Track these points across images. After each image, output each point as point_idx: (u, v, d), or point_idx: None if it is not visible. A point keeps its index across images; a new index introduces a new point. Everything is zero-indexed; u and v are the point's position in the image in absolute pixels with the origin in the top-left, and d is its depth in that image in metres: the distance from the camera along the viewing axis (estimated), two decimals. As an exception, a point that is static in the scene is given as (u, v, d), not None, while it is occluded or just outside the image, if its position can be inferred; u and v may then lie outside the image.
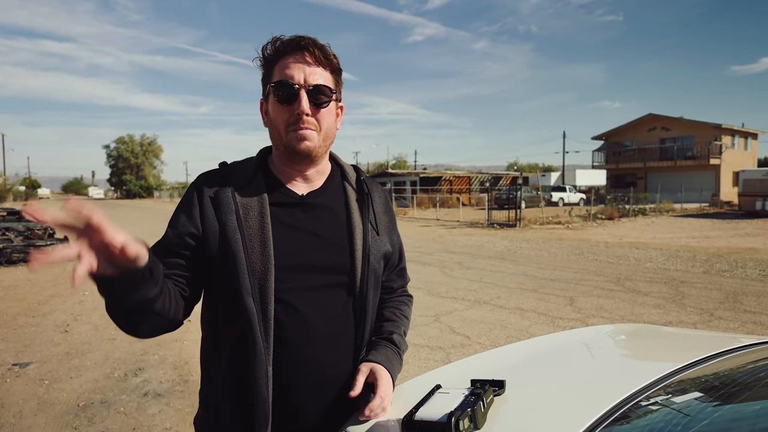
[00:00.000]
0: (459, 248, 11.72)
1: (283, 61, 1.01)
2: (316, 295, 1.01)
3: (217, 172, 1.06)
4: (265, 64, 1.04)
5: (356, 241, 1.07)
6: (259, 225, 0.99)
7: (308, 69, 1.00)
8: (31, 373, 3.92)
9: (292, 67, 1.00)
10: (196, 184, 1.04)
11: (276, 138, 1.04)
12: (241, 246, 0.96)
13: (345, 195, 1.11)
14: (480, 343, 4.54)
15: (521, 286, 7.11)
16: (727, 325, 5.07)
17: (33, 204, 0.68)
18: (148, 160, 77.41)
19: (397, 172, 36.46)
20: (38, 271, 8.44)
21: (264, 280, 0.96)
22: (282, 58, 1.01)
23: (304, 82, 0.99)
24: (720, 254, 10.06)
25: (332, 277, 1.04)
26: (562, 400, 1.00)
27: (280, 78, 1.00)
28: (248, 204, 1.01)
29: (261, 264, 0.96)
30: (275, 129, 1.03)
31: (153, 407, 3.30)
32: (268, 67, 1.03)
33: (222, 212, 0.99)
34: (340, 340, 1.05)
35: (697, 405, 0.98)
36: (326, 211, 1.07)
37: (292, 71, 0.99)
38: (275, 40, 1.02)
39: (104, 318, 5.55)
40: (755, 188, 19.64)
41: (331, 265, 1.04)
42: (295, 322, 0.99)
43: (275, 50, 1.02)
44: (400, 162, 72.59)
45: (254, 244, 0.97)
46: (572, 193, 31.15)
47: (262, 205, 1.01)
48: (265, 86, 1.05)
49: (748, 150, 35.00)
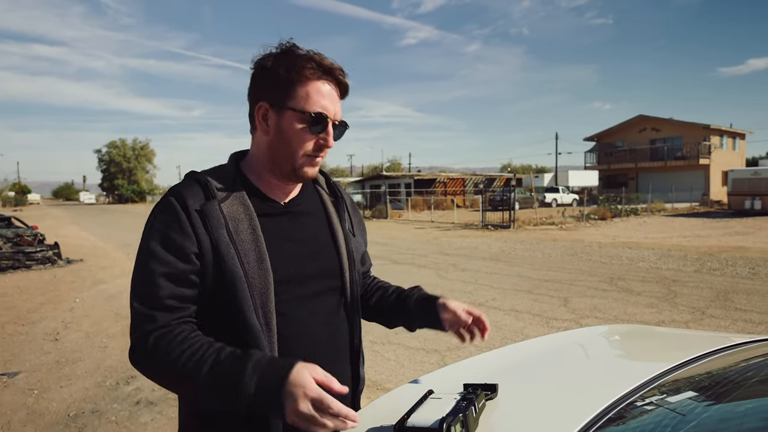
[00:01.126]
0: (454, 250, 11.73)
1: (316, 85, 0.96)
2: (313, 303, 1.01)
3: (193, 184, 0.97)
4: (293, 76, 0.94)
5: (341, 246, 1.08)
6: (252, 238, 0.94)
7: (337, 103, 1.00)
8: (20, 383, 3.86)
9: (327, 98, 0.97)
10: (176, 198, 0.93)
11: (283, 157, 0.98)
12: (237, 261, 0.91)
13: (321, 200, 1.11)
14: (475, 345, 4.52)
15: (516, 288, 7.13)
16: (719, 324, 5.10)
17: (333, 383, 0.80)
18: (141, 165, 76.87)
19: (392, 174, 36.48)
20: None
21: (264, 294, 0.93)
22: (316, 80, 0.96)
23: (333, 116, 0.98)
24: (711, 253, 10.15)
25: (325, 283, 1.04)
26: (555, 401, 0.99)
27: (319, 109, 0.95)
28: (236, 216, 0.95)
29: (260, 278, 0.93)
30: (288, 150, 0.97)
31: (145, 416, 3.26)
32: (297, 82, 0.95)
33: (212, 226, 0.92)
34: (339, 345, 1.06)
35: (690, 404, 0.98)
36: (309, 218, 1.06)
37: (327, 103, 0.96)
38: (312, 59, 0.95)
39: (95, 326, 5.49)
40: (744, 187, 19.86)
41: (322, 272, 1.03)
42: (298, 333, 0.97)
43: (312, 73, 0.95)
44: (394, 164, 72.72)
45: (250, 258, 0.93)
46: (565, 194, 31.32)
47: (251, 217, 0.96)
48: (281, 97, 0.95)
49: (737, 150, 35.41)
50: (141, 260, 0.92)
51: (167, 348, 0.85)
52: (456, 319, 1.11)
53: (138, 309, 0.89)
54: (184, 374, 0.84)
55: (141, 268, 0.91)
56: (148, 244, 0.91)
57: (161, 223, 0.92)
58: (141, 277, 0.90)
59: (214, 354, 0.84)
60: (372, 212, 26.10)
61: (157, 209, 0.95)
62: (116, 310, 6.16)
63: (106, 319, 5.74)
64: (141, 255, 0.92)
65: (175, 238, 0.90)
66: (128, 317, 0.93)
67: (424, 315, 1.16)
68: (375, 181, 35.60)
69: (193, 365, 0.83)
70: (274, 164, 1.00)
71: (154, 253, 0.90)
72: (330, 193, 1.14)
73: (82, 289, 7.72)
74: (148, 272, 0.89)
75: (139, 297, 0.89)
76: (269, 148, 0.99)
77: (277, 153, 0.98)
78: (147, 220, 0.96)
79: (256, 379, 0.79)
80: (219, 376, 0.82)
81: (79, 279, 8.63)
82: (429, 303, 1.16)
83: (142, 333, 0.88)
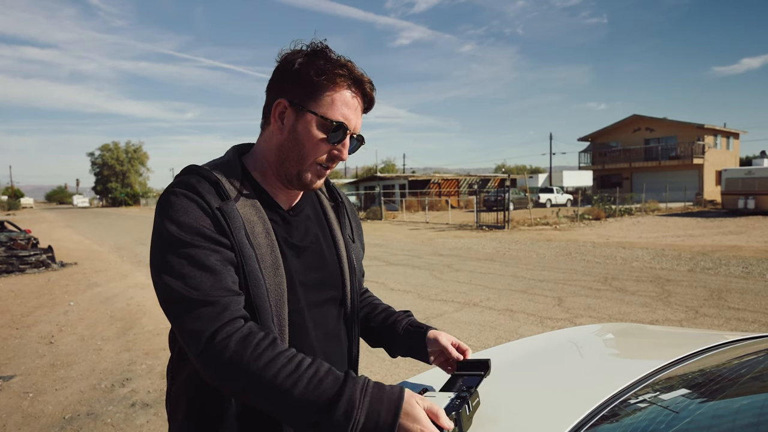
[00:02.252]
0: (448, 251, 11.75)
1: (344, 94, 0.91)
2: (316, 312, 0.98)
3: (202, 180, 0.89)
4: (321, 79, 0.89)
5: (342, 254, 1.05)
6: (267, 242, 0.90)
7: (360, 116, 0.95)
8: (15, 386, 3.83)
9: (351, 108, 0.92)
10: (195, 193, 0.86)
11: (292, 158, 0.93)
12: (257, 265, 0.87)
13: (321, 204, 1.08)
14: (470, 344, 4.53)
15: (510, 288, 7.15)
16: (712, 322, 5.14)
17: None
18: (134, 168, 76.43)
19: (386, 175, 36.47)
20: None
21: (279, 302, 0.89)
22: (343, 89, 0.91)
23: (354, 129, 0.93)
24: (704, 252, 10.23)
25: (327, 291, 1.01)
26: (549, 399, 1.00)
27: (341, 118, 0.91)
28: (251, 219, 0.90)
29: (275, 285, 0.89)
30: (299, 153, 0.92)
31: (141, 417, 3.25)
32: (324, 86, 0.90)
33: (234, 228, 0.86)
34: (338, 354, 1.04)
35: (684, 401, 0.99)
36: (311, 224, 1.03)
37: (350, 114, 0.92)
38: (346, 64, 0.91)
39: (90, 328, 5.46)
40: (737, 187, 20.02)
41: (324, 280, 1.01)
42: (301, 343, 0.94)
43: (343, 81, 0.91)
44: (388, 165, 72.67)
45: (266, 263, 0.88)
46: (559, 194, 31.44)
47: (264, 220, 0.92)
48: (304, 97, 0.90)
49: (730, 149, 35.68)
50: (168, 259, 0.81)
51: (255, 353, 0.76)
52: (443, 354, 1.08)
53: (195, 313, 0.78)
54: (274, 388, 0.75)
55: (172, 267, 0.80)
56: (171, 236, 0.81)
57: (186, 214, 0.83)
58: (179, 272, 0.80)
59: (312, 369, 0.77)
60: (366, 213, 26.08)
61: (173, 201, 0.84)
62: (111, 313, 6.12)
63: (101, 322, 5.71)
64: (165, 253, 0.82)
65: (205, 231, 0.83)
66: (122, 319, 0.92)
67: (410, 346, 1.12)
68: (369, 182, 35.56)
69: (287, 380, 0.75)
70: (280, 165, 0.95)
71: (190, 245, 0.81)
72: (330, 197, 1.11)
73: (76, 292, 7.67)
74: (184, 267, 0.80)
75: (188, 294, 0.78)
76: (279, 147, 0.94)
77: (287, 155, 0.93)
78: (158, 225, 0.85)
79: (365, 412, 0.73)
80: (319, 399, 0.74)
81: (73, 282, 8.57)
82: (417, 335, 1.10)
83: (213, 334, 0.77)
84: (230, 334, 0.78)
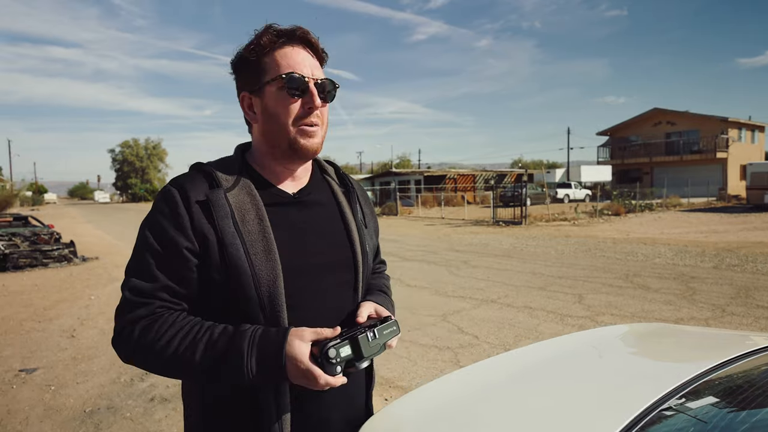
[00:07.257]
0: (465, 246, 11.65)
1: (281, 51, 0.93)
2: (323, 297, 0.96)
3: (197, 174, 0.95)
4: (257, 54, 0.94)
5: (354, 237, 1.03)
6: (259, 228, 0.91)
7: (312, 62, 0.95)
8: (38, 379, 3.90)
9: (297, 59, 0.93)
10: (178, 189, 0.91)
11: (276, 134, 0.95)
12: (242, 252, 0.88)
13: (332, 190, 1.07)
14: (489, 342, 4.48)
15: (529, 284, 7.04)
16: (740, 321, 4.98)
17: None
18: (153, 164, 77.66)
19: (402, 171, 36.40)
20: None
21: (273, 287, 0.89)
22: (279, 48, 0.94)
23: (311, 75, 0.94)
24: (729, 249, 9.94)
25: (337, 275, 0.99)
26: (585, 408, 0.94)
27: (289, 69, 0.92)
28: (242, 206, 0.91)
29: (267, 271, 0.89)
30: (277, 124, 0.94)
31: (159, 412, 3.27)
32: (262, 57, 0.94)
33: (218, 216, 0.89)
34: None
35: (730, 410, 0.93)
36: (321, 209, 1.02)
37: (300, 64, 0.93)
38: (269, 29, 0.94)
39: (110, 322, 5.54)
40: (763, 181, 19.42)
41: (335, 264, 0.99)
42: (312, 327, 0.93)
43: (270, 40, 0.93)
44: (403, 161, 72.50)
45: (257, 250, 0.89)
46: (577, 190, 30.95)
47: (258, 207, 0.92)
48: (255, 78, 0.95)
49: (755, 143, 34.67)
50: (136, 250, 0.92)
51: (156, 336, 0.85)
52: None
53: (127, 297, 0.88)
54: (177, 361, 0.84)
55: (135, 258, 0.91)
56: (143, 234, 0.91)
57: (158, 214, 0.91)
58: (134, 267, 0.90)
59: (207, 335, 0.85)
60: (382, 209, 26.05)
61: (158, 199, 0.94)
62: (130, 308, 6.21)
63: (121, 317, 5.79)
64: (136, 244, 0.92)
65: (169, 232, 0.89)
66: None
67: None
68: (384, 177, 35.53)
69: (186, 351, 0.84)
70: (271, 147, 0.97)
71: (149, 244, 0.90)
72: (340, 184, 1.10)
73: (97, 286, 7.81)
74: (141, 263, 0.89)
75: (130, 286, 0.89)
76: (263, 132, 0.97)
77: (270, 133, 0.96)
78: (150, 211, 0.95)
79: (255, 360, 0.82)
80: (216, 360, 0.83)
81: (94, 276, 8.73)
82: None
83: (127, 321, 0.88)
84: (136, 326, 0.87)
